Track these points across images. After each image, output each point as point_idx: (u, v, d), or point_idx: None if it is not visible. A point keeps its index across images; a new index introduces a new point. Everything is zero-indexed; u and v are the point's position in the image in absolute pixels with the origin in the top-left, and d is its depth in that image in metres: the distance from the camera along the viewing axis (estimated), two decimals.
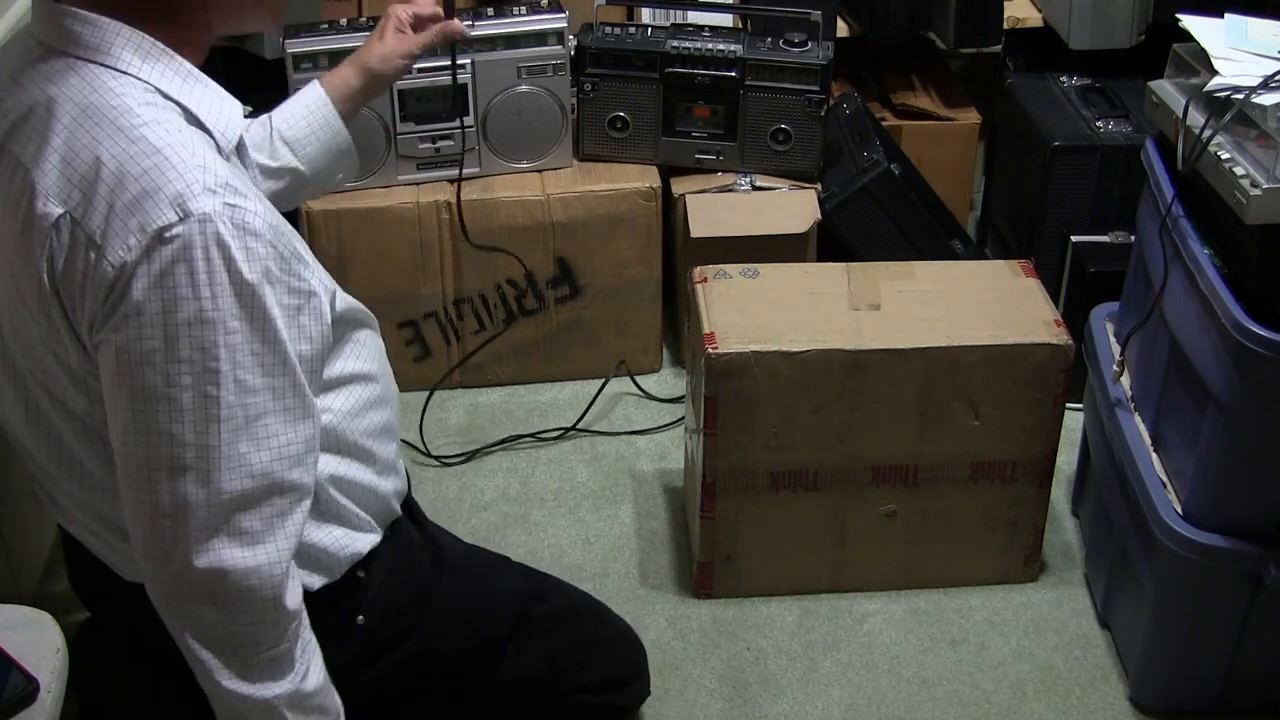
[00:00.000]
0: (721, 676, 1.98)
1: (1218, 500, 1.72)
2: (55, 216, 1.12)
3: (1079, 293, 2.41)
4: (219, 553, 1.16)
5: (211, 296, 1.10)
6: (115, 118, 1.13)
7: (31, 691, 1.35)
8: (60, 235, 1.12)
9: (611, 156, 2.54)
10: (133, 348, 1.12)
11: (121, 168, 1.11)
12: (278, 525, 1.19)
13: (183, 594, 1.19)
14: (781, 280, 2.05)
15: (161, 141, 1.12)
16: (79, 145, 1.13)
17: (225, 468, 1.14)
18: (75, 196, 1.12)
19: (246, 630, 1.20)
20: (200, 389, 1.12)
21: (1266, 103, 1.61)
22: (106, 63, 1.16)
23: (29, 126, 1.17)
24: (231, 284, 1.11)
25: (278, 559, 1.19)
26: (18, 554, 1.96)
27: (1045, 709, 1.93)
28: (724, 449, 1.96)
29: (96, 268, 1.11)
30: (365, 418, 1.40)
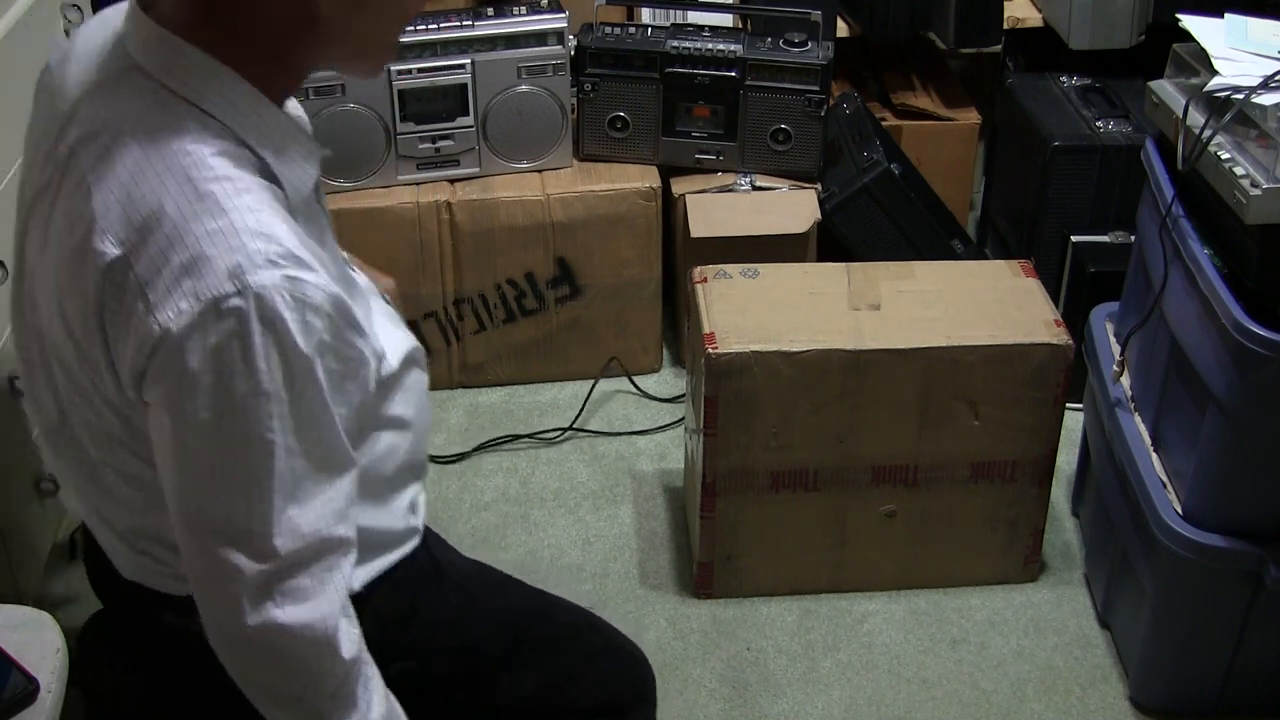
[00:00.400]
0: (721, 676, 1.98)
1: (1218, 500, 1.72)
2: (112, 257, 1.08)
3: (1079, 293, 2.41)
4: (272, 613, 1.15)
5: (267, 370, 1.07)
6: (188, 166, 1.08)
7: (31, 691, 1.35)
8: (113, 276, 1.08)
9: (611, 156, 2.54)
10: (185, 417, 1.09)
11: (185, 223, 1.06)
12: (326, 580, 1.18)
13: (241, 652, 1.19)
14: (781, 280, 2.05)
15: (229, 203, 1.07)
16: (146, 186, 1.08)
17: (275, 532, 1.13)
18: (133, 240, 1.08)
19: (306, 683, 1.20)
20: (250, 459, 1.10)
21: (1266, 103, 1.61)
22: (192, 99, 1.11)
23: (100, 144, 1.13)
24: (286, 359, 1.08)
25: (330, 612, 1.18)
26: (18, 554, 1.96)
27: (1045, 709, 1.93)
28: (724, 449, 1.96)
29: (144, 322, 1.07)
30: (393, 459, 1.39)
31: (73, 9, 2.21)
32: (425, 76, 2.37)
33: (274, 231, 1.08)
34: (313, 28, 1.13)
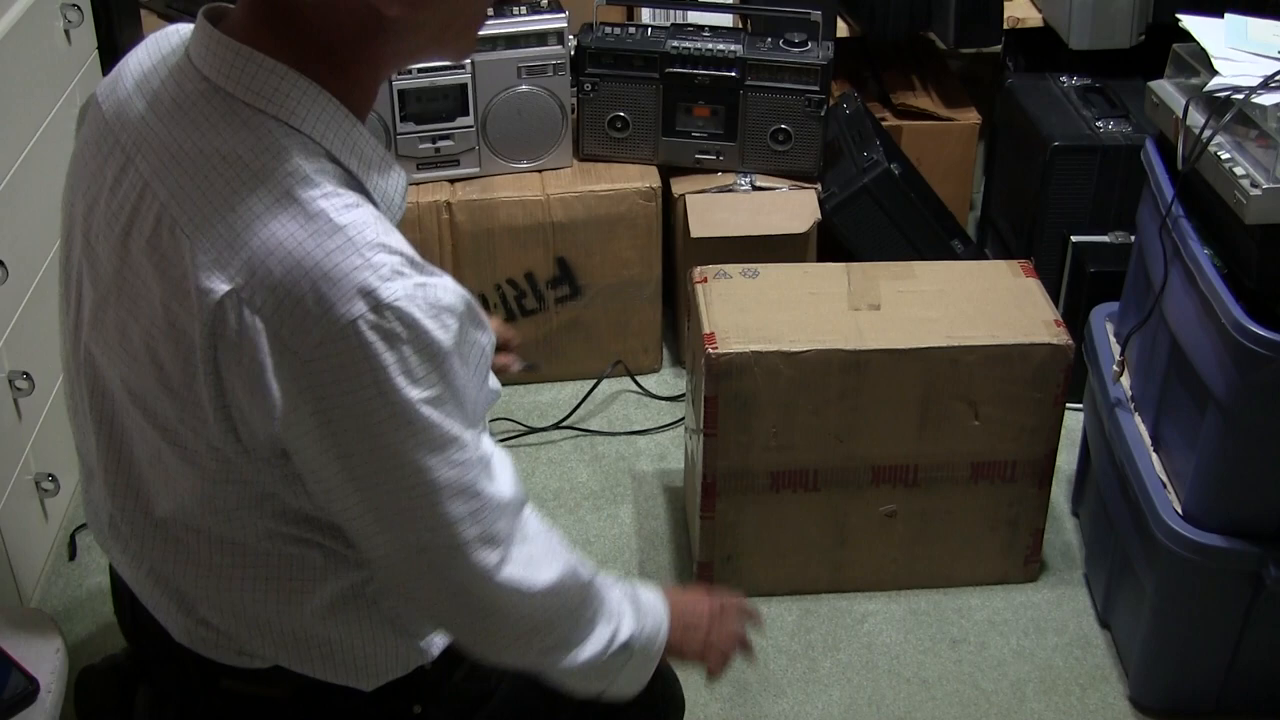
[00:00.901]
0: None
1: (1218, 500, 1.72)
2: (222, 293, 1.01)
3: (1079, 293, 2.41)
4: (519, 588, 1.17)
5: (420, 380, 1.04)
6: (291, 187, 1.02)
7: (31, 691, 1.36)
8: (224, 314, 1.01)
9: (611, 156, 2.54)
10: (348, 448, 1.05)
11: (301, 247, 1.00)
12: (542, 534, 1.21)
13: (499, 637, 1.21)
14: (781, 280, 2.05)
15: (342, 219, 1.02)
16: (248, 211, 1.02)
17: (493, 519, 1.13)
18: (245, 272, 1.01)
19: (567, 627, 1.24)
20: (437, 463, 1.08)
21: (1266, 103, 1.61)
22: (280, 116, 1.04)
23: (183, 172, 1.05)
24: (434, 360, 1.05)
25: (564, 558, 1.22)
26: (18, 555, 1.96)
27: (1045, 709, 1.93)
28: (724, 449, 1.96)
29: (276, 359, 1.01)
30: None
31: (73, 9, 2.21)
32: (425, 76, 2.37)
33: (390, 242, 1.03)
34: (380, 29, 1.06)
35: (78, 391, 1.22)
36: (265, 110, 1.04)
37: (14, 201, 1.95)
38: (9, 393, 1.93)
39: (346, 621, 1.22)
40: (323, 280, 1.00)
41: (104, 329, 1.12)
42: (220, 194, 1.03)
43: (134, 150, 1.08)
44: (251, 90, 1.05)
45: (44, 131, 2.06)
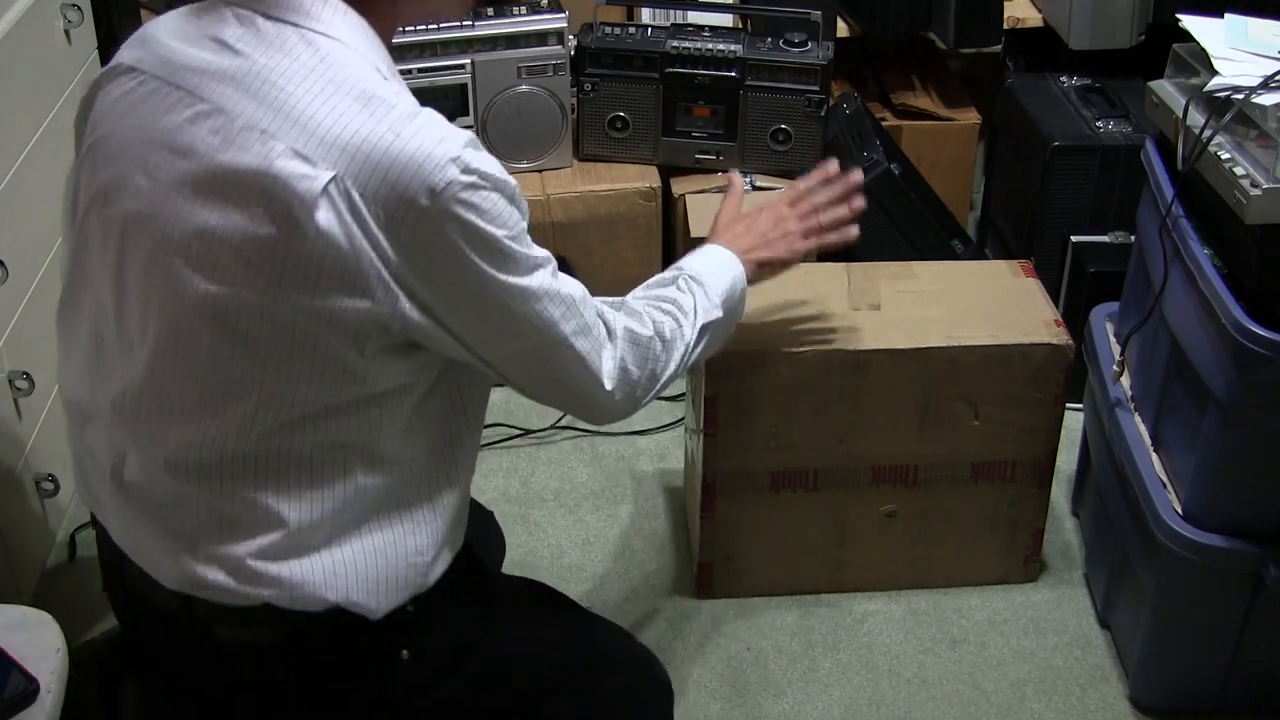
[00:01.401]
0: (721, 676, 1.98)
1: (1218, 500, 1.72)
2: (326, 180, 1.13)
3: (1079, 293, 2.41)
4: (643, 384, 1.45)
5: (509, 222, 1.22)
6: (366, 87, 1.16)
7: (31, 691, 1.36)
8: (334, 201, 1.14)
9: (611, 156, 2.54)
10: (463, 292, 1.22)
11: (391, 131, 1.15)
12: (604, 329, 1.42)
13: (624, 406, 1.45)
14: (781, 280, 2.05)
15: (417, 109, 1.19)
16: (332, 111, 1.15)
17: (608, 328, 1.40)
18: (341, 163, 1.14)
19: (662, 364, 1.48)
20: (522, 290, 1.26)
21: (1266, 103, 1.61)
22: (334, 35, 1.19)
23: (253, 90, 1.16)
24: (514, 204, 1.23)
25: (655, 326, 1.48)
26: (18, 554, 1.96)
27: (1045, 709, 1.93)
28: (724, 449, 1.96)
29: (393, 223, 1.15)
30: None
31: (73, 9, 2.21)
32: (425, 76, 2.37)
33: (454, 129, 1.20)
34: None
35: (104, 326, 1.27)
36: (320, 31, 1.18)
37: (14, 201, 1.95)
38: (9, 393, 1.93)
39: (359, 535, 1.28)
40: (416, 154, 1.15)
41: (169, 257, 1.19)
42: (300, 100, 1.15)
43: (198, 86, 1.18)
44: (301, 13, 1.18)
45: (44, 131, 2.06)
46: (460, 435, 1.36)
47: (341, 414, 1.23)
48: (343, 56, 1.17)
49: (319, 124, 1.14)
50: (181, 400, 1.22)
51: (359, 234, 1.15)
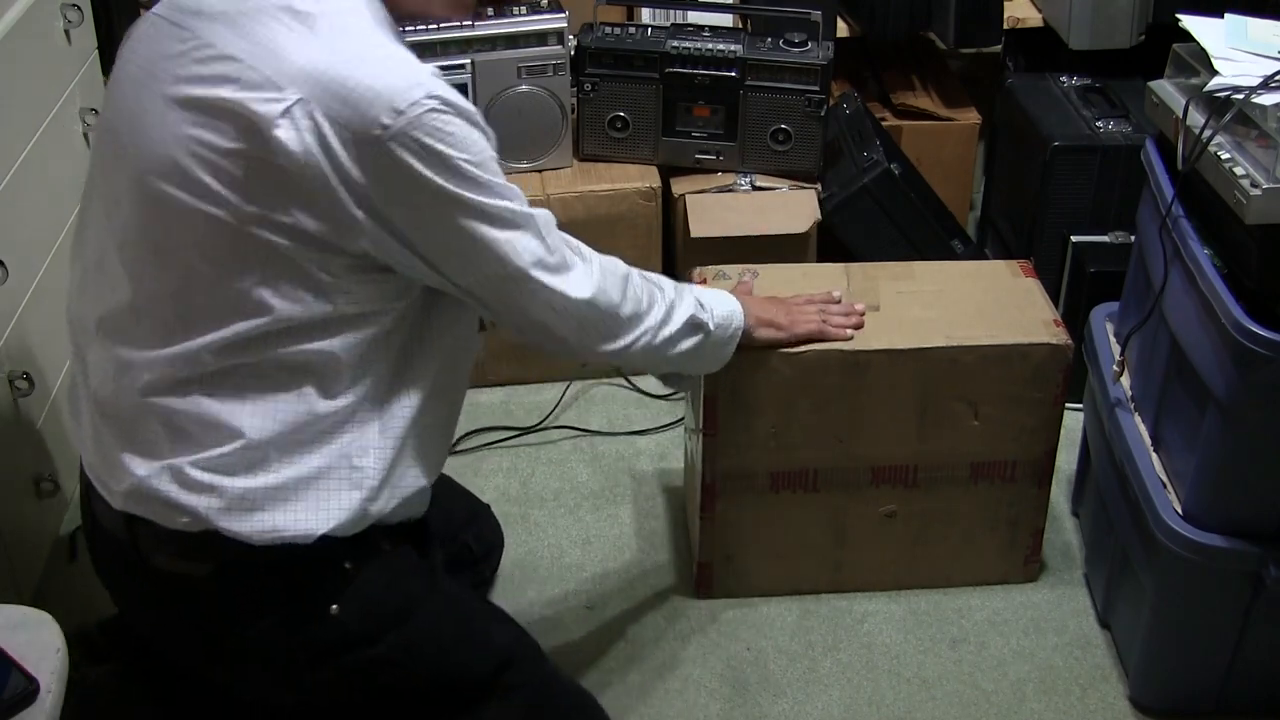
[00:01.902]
0: (721, 676, 1.98)
1: (1218, 500, 1.72)
2: (291, 102, 1.21)
3: (1079, 293, 2.41)
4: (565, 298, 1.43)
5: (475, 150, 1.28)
6: (345, 23, 1.26)
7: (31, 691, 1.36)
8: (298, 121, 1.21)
9: (611, 156, 2.54)
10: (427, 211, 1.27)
11: (360, 55, 1.24)
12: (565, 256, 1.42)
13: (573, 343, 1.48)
14: (781, 280, 2.05)
15: (390, 44, 1.28)
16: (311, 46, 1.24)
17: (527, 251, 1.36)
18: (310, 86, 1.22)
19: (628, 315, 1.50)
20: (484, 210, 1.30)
21: (1266, 103, 1.61)
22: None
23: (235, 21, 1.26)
24: (482, 134, 1.30)
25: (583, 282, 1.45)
26: (18, 554, 1.96)
27: (1045, 709, 1.93)
28: (724, 449, 1.96)
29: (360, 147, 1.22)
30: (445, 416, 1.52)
31: (73, 9, 2.21)
32: None
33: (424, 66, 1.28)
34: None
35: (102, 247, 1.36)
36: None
37: (14, 201, 1.95)
38: (9, 393, 1.93)
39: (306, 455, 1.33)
40: (379, 80, 1.22)
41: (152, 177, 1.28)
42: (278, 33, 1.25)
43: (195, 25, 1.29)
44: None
45: (44, 131, 2.06)
46: (422, 376, 1.41)
47: (306, 333, 1.29)
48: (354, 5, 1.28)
49: (290, 52, 1.23)
50: (160, 318, 1.31)
51: (320, 155, 1.22)
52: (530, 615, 2.06)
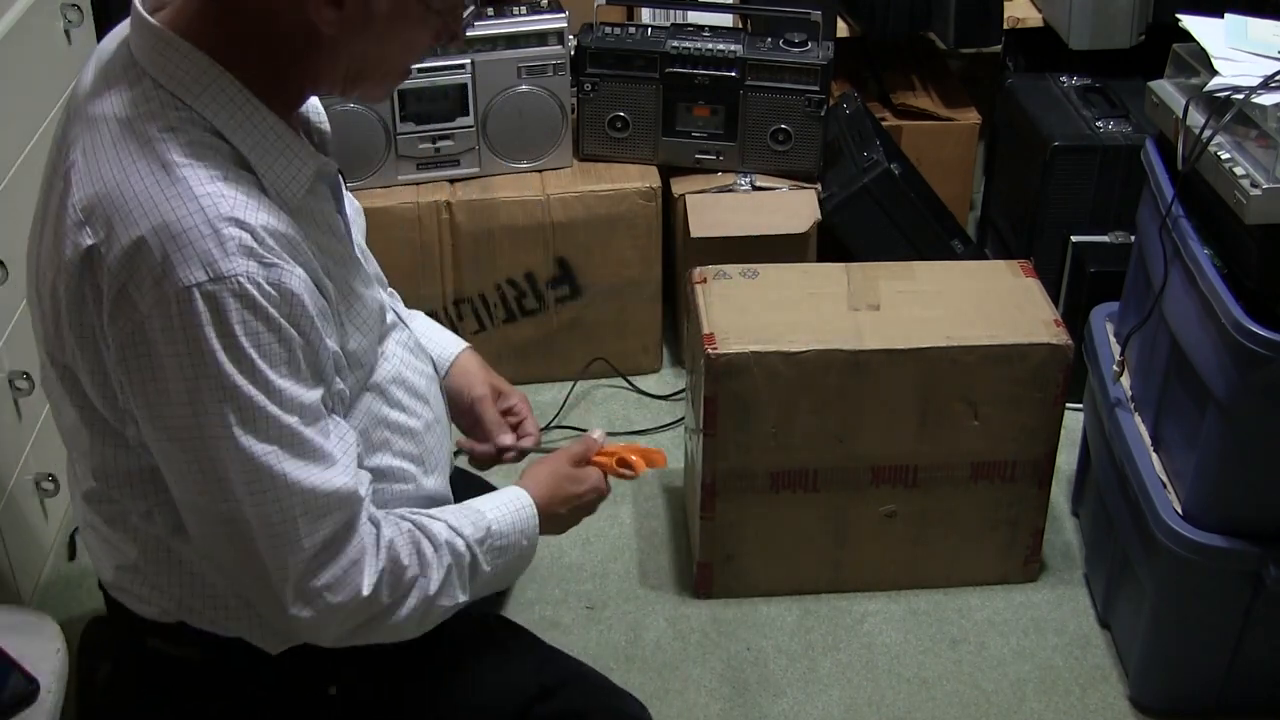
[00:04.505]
0: (721, 676, 1.98)
1: (1218, 500, 1.72)
2: (86, 246, 1.11)
3: (1079, 293, 2.41)
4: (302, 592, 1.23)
5: (245, 356, 1.10)
6: (163, 152, 1.11)
7: (32, 692, 1.36)
8: (90, 265, 1.11)
9: (611, 156, 2.54)
10: (161, 409, 1.12)
11: (155, 208, 1.09)
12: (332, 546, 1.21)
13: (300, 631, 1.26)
14: (781, 280, 2.05)
15: (203, 189, 1.10)
16: (120, 172, 1.11)
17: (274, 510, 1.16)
18: (104, 232, 1.10)
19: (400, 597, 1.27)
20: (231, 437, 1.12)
21: (1266, 103, 1.61)
22: (178, 93, 1.13)
23: (87, 137, 1.15)
24: (261, 340, 1.10)
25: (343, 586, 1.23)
26: (18, 554, 1.96)
27: (1045, 709, 1.93)
28: (724, 449, 1.96)
29: (117, 311, 1.10)
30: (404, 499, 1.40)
31: (73, 9, 2.21)
32: (425, 76, 2.37)
33: (249, 219, 1.10)
34: (312, 46, 1.15)
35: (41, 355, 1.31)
36: (165, 85, 1.13)
37: (14, 201, 1.95)
38: (9, 393, 1.93)
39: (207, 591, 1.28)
40: (170, 243, 1.07)
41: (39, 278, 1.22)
42: (106, 156, 1.12)
43: (70, 121, 1.20)
44: (159, 68, 1.14)
45: (44, 131, 2.06)
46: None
47: (133, 479, 1.23)
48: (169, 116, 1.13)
49: (105, 181, 1.11)
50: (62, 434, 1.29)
51: (92, 308, 1.13)
52: (530, 615, 2.06)
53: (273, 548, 1.15)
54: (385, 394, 1.36)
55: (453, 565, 1.29)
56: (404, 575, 1.25)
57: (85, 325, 1.14)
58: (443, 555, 1.28)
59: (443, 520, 1.31)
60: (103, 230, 1.10)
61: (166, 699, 1.36)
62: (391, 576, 1.24)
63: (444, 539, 1.29)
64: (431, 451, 1.43)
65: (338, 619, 1.21)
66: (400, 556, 1.24)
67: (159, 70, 1.14)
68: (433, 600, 1.28)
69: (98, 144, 1.13)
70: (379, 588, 1.22)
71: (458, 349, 1.67)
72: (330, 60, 1.17)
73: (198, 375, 1.09)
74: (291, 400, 1.13)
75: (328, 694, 1.36)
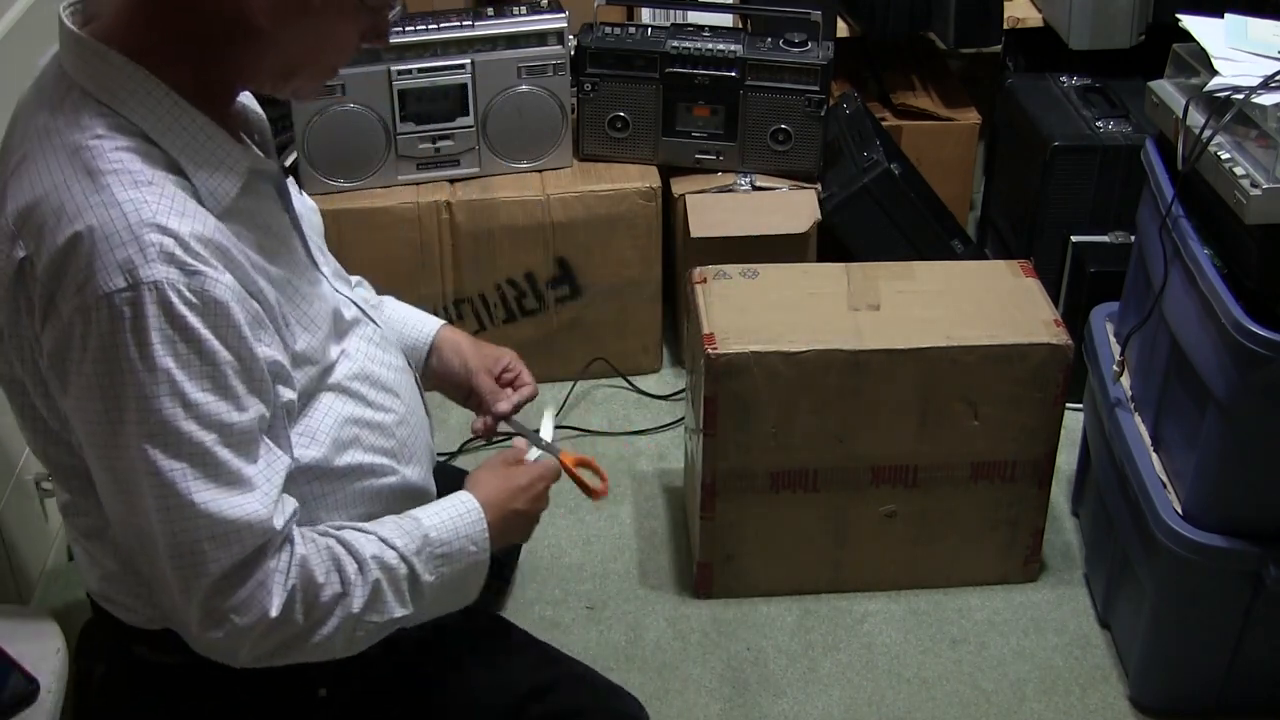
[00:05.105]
0: (721, 676, 1.98)
1: (1218, 500, 1.72)
2: (18, 258, 1.10)
3: (1079, 293, 2.41)
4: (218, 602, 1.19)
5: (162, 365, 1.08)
6: (88, 159, 1.09)
7: (32, 692, 1.36)
8: (23, 277, 1.11)
9: (611, 156, 2.54)
10: (95, 424, 1.11)
11: (79, 214, 1.07)
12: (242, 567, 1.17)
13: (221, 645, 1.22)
14: (781, 280, 2.05)
15: (125, 195, 1.08)
16: (49, 181, 1.10)
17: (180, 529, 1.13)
18: (36, 238, 1.09)
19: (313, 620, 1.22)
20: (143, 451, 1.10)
21: (1266, 103, 1.61)
22: (104, 99, 1.12)
23: (20, 150, 1.15)
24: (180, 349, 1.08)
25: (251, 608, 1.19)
26: (18, 555, 1.96)
27: (1045, 709, 1.93)
28: (724, 449, 1.96)
29: (46, 319, 1.09)
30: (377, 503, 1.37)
31: None
32: (425, 76, 2.37)
33: (173, 225, 1.08)
34: (245, 38, 1.15)
35: None
36: (91, 93, 1.13)
37: None
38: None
39: None
40: (92, 250, 1.06)
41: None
42: (36, 167, 1.11)
43: (11, 128, 1.19)
44: (86, 75, 1.13)
45: None
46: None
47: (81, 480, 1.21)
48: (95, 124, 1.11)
49: (34, 191, 1.10)
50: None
51: (25, 319, 1.12)
52: (530, 615, 2.06)
53: (178, 568, 1.13)
54: (349, 391, 1.33)
55: (381, 579, 1.24)
56: (320, 594, 1.20)
57: (23, 337, 1.14)
58: (368, 570, 1.23)
59: (374, 533, 1.27)
60: (33, 241, 1.09)
61: (158, 702, 1.36)
62: (305, 595, 1.19)
63: (369, 553, 1.24)
64: (406, 444, 1.41)
65: (249, 640, 1.18)
66: (315, 575, 1.20)
67: (87, 79, 1.13)
68: (359, 617, 1.23)
69: (30, 155, 1.13)
70: (290, 608, 1.18)
71: (435, 327, 1.65)
72: (261, 54, 1.17)
73: (114, 385, 1.07)
74: (209, 417, 1.10)
75: (318, 696, 1.35)
